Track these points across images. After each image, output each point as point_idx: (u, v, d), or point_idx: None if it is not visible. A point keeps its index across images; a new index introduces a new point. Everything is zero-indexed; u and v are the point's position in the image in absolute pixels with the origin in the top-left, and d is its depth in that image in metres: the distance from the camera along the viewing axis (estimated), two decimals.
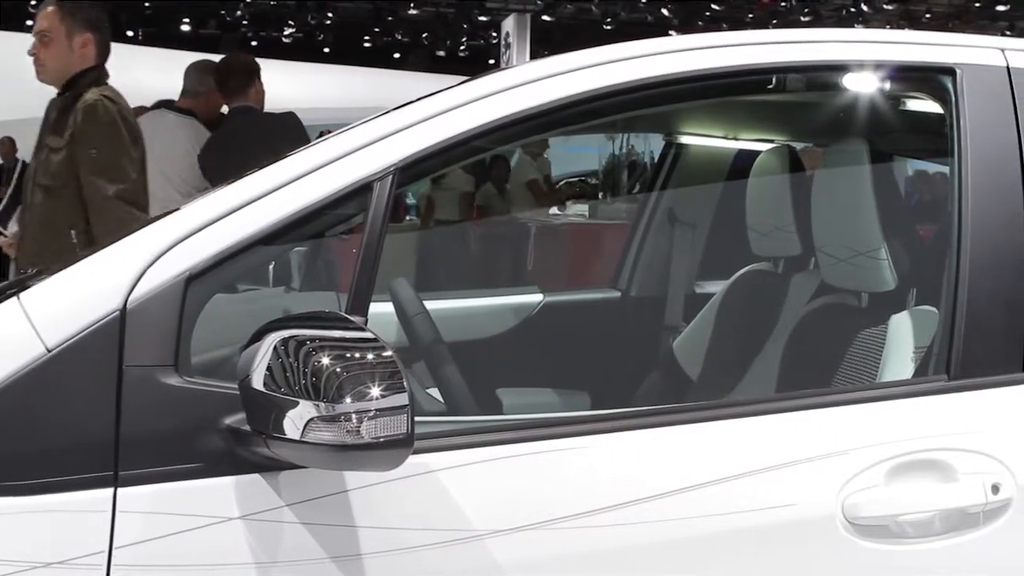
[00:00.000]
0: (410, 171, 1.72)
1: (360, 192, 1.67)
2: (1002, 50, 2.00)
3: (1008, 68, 1.98)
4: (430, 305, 2.74)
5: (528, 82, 1.80)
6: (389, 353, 1.44)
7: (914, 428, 1.77)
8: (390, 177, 1.67)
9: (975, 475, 1.74)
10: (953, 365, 1.82)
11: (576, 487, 1.63)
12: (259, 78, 5.14)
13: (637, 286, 3.67)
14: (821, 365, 2.40)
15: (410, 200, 11.31)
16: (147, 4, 19.93)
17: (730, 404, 2.08)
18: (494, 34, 20.44)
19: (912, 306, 2.26)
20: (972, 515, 1.74)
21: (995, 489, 1.74)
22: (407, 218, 11.05)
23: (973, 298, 1.83)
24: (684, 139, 3.56)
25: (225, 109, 5.37)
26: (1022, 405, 1.82)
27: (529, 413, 1.82)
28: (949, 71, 1.97)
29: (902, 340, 2.09)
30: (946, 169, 2.05)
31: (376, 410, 1.40)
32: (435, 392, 2.44)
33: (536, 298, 3.56)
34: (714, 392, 2.94)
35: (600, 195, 12.49)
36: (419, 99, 1.81)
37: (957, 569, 1.74)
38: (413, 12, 21.07)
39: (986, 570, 1.76)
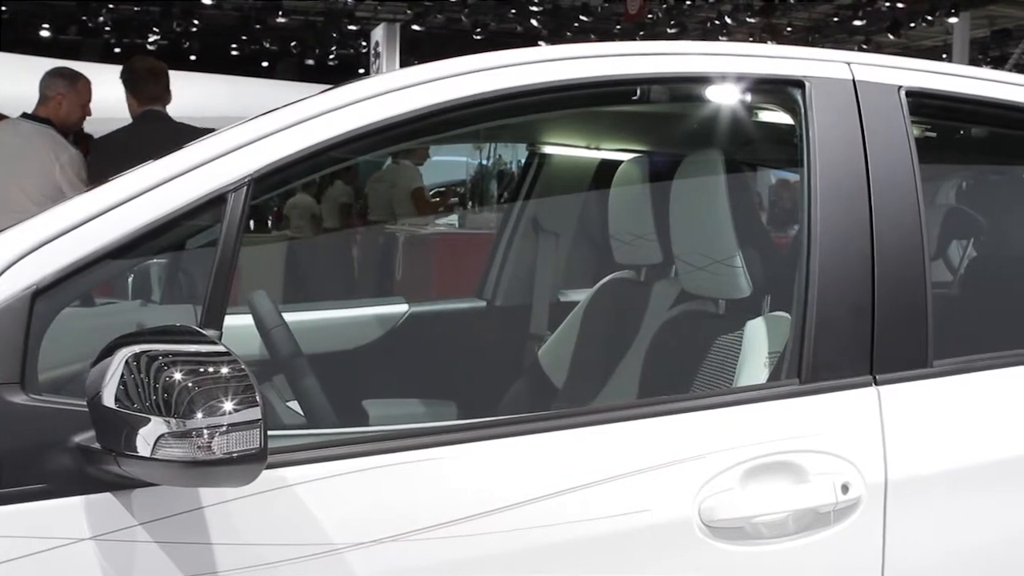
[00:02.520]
0: (267, 181, 1.69)
1: (214, 203, 1.63)
2: (848, 64, 2.06)
3: (854, 81, 2.04)
4: (294, 317, 2.70)
5: (391, 91, 1.79)
6: (242, 367, 1.42)
7: (767, 431, 1.81)
8: (245, 188, 1.64)
9: (826, 476, 1.79)
10: (804, 369, 1.87)
11: (435, 498, 1.62)
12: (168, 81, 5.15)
13: (502, 295, 3.69)
14: (681, 371, 2.45)
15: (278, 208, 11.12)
16: (3, 8, 19.30)
17: (589, 411, 2.10)
18: (364, 43, 20.35)
19: (767, 312, 2.31)
20: (823, 514, 1.79)
21: (845, 489, 1.79)
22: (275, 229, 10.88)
23: (822, 304, 1.88)
24: (548, 149, 3.59)
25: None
26: (870, 406, 1.87)
27: (391, 424, 1.82)
28: (798, 83, 2.02)
29: (757, 345, 2.14)
30: None
31: (228, 425, 1.38)
32: (295, 405, 2.41)
33: (401, 308, 3.55)
34: (579, 400, 2.97)
35: (468, 204, 12.50)
36: (277, 108, 1.78)
37: (810, 568, 1.79)
38: (282, 20, 20.80)
39: (838, 568, 1.81)
